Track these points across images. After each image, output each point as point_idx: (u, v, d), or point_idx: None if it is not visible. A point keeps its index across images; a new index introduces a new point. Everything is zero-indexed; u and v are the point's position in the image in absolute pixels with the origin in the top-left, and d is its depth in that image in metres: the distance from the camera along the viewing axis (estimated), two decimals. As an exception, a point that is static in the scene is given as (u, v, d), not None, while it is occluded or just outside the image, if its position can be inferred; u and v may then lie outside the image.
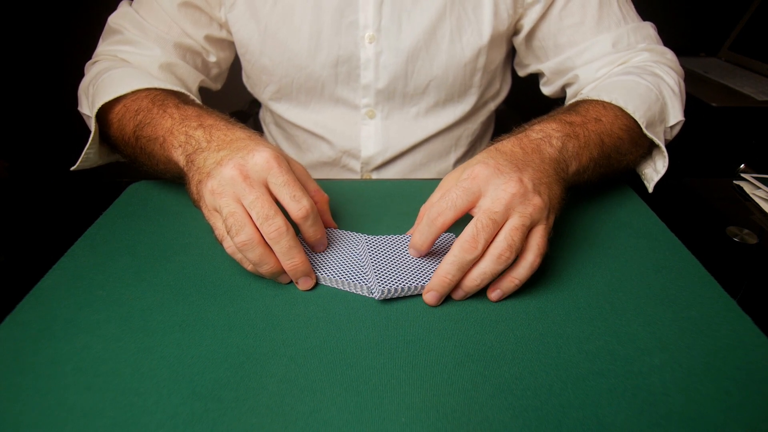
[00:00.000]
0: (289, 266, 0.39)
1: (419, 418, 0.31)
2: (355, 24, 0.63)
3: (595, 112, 0.50)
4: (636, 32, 0.63)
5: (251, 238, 0.37)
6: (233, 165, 0.38)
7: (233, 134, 0.42)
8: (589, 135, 0.48)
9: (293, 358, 0.35)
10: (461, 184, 0.39)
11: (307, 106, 0.71)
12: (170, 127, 0.46)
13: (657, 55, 0.62)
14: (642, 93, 0.54)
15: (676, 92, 0.58)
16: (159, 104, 0.49)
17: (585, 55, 0.64)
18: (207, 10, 0.65)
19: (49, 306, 0.39)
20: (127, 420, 0.30)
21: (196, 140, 0.43)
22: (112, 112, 0.52)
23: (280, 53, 0.65)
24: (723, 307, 0.40)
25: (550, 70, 0.69)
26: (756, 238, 0.50)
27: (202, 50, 0.66)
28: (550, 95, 0.74)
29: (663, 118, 0.56)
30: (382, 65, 0.65)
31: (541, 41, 0.67)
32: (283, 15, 0.63)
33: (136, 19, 0.62)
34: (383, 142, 0.72)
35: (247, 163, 0.39)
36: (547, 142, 0.45)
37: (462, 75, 0.68)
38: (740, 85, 1.21)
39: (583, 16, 0.63)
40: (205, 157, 0.41)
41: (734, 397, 0.32)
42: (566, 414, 0.31)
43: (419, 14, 0.63)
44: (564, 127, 0.47)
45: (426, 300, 0.40)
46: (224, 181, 0.38)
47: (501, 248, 0.37)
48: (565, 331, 0.38)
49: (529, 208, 0.38)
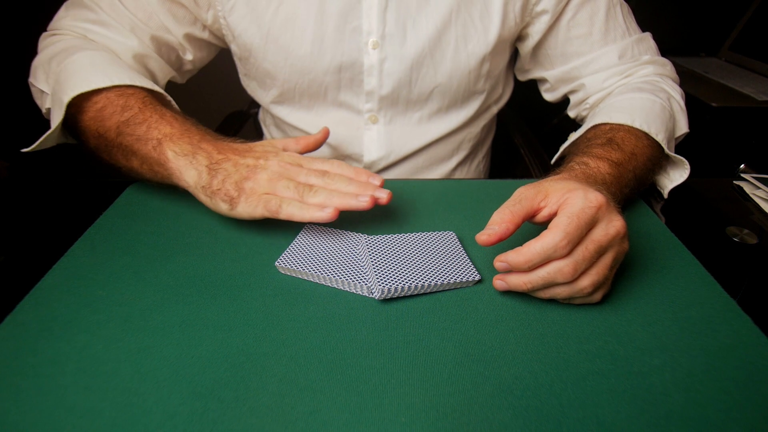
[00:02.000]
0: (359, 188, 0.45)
1: (419, 418, 0.31)
2: (359, 30, 0.62)
3: (631, 146, 0.52)
4: (639, 44, 0.66)
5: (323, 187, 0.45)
6: (277, 161, 0.47)
7: (240, 146, 0.49)
8: (628, 175, 0.50)
9: (293, 358, 0.35)
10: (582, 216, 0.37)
11: (310, 110, 0.71)
12: (169, 134, 0.48)
13: (660, 67, 0.66)
14: (659, 113, 0.57)
15: (682, 107, 0.62)
16: (152, 108, 0.50)
17: (592, 65, 0.66)
18: (193, 9, 0.63)
19: (49, 306, 0.39)
20: (127, 420, 0.30)
21: (206, 151, 0.47)
22: (90, 100, 0.51)
23: (283, 58, 0.64)
24: (723, 307, 0.40)
25: (555, 78, 0.70)
26: (756, 238, 0.50)
27: (179, 47, 0.65)
28: (552, 101, 0.75)
29: (673, 133, 0.59)
30: (386, 72, 0.65)
31: (548, 50, 0.68)
32: (286, 20, 0.62)
33: (113, 0, 0.59)
34: (386, 147, 0.71)
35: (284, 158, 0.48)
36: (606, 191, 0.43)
37: (466, 82, 0.67)
38: (740, 85, 1.21)
39: (591, 27, 0.64)
40: (234, 162, 0.46)
41: (734, 397, 0.32)
42: (566, 414, 0.31)
43: (424, 21, 0.62)
44: (614, 170, 0.48)
45: (495, 284, 0.40)
46: (276, 170, 0.46)
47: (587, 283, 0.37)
48: (565, 331, 0.38)
49: (623, 250, 0.39)
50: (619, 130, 0.54)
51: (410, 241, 0.46)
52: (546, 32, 0.66)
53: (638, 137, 0.53)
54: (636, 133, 0.54)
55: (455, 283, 0.42)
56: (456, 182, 0.60)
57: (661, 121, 0.55)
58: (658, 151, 0.54)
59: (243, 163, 0.46)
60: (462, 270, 0.43)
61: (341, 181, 0.45)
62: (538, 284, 0.38)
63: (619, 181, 0.48)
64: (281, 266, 0.43)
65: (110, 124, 0.49)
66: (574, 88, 0.69)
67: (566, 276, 0.36)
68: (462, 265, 0.43)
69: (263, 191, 0.44)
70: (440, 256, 0.44)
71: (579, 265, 0.36)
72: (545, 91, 0.74)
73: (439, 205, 0.54)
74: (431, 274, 0.42)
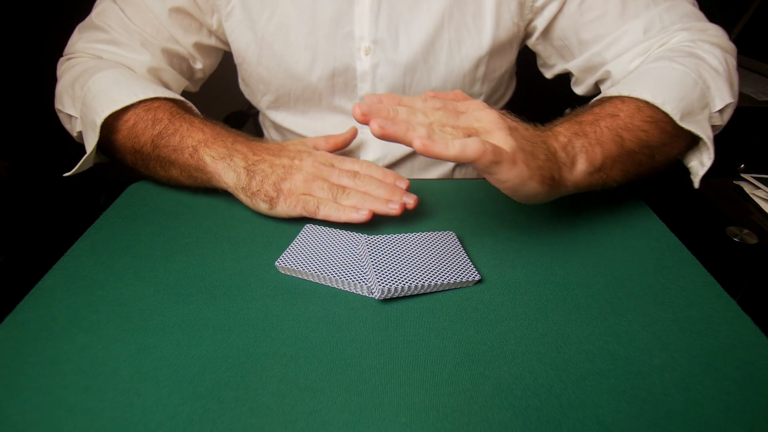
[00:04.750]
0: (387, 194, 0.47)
1: (419, 418, 0.31)
2: (351, 35, 0.62)
3: (610, 108, 0.48)
4: (670, 12, 0.57)
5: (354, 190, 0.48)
6: (311, 161, 0.50)
7: (274, 145, 0.52)
8: (602, 131, 0.46)
9: (293, 358, 0.35)
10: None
11: (305, 115, 0.70)
12: (203, 140, 0.50)
13: (696, 32, 0.56)
14: (674, 80, 0.50)
15: (720, 71, 0.52)
16: (180, 117, 0.52)
17: (614, 48, 0.59)
18: (198, 17, 0.63)
19: (49, 306, 0.39)
20: (127, 420, 0.30)
21: (241, 153, 0.49)
22: (119, 119, 0.52)
23: (277, 64, 0.64)
24: (723, 307, 0.40)
25: (578, 68, 0.65)
26: (756, 238, 0.50)
27: (189, 57, 0.66)
28: (584, 94, 0.69)
29: (706, 103, 0.51)
30: (379, 77, 0.64)
31: (563, 40, 0.64)
32: (280, 26, 0.62)
33: (121, 18, 0.60)
34: (382, 149, 0.71)
35: (316, 158, 0.50)
36: (553, 137, 0.44)
37: (461, 85, 0.66)
38: (740, 85, 1.21)
39: (605, 7, 0.58)
40: (270, 163, 0.49)
41: (734, 397, 0.32)
42: (566, 414, 0.31)
43: (417, 26, 0.61)
44: (573, 125, 0.46)
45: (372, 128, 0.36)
46: (310, 170, 0.49)
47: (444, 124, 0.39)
48: (565, 331, 0.38)
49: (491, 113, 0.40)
50: (605, 100, 0.50)
51: (410, 241, 0.46)
52: (555, 20, 0.62)
53: (626, 102, 0.48)
54: (626, 99, 0.49)
55: (455, 283, 0.42)
56: (456, 182, 0.60)
57: (674, 89, 0.49)
58: (671, 122, 0.48)
59: (279, 163, 0.49)
60: (462, 270, 0.43)
61: (371, 182, 0.48)
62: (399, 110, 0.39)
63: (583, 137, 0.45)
64: (281, 266, 0.43)
65: (145, 139, 0.51)
66: (601, 77, 0.63)
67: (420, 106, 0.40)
68: (462, 265, 0.43)
69: (300, 192, 0.48)
70: (440, 256, 0.44)
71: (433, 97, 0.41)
72: (574, 84, 0.69)
73: (439, 205, 0.54)
74: (431, 274, 0.42)
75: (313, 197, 0.48)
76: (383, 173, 0.50)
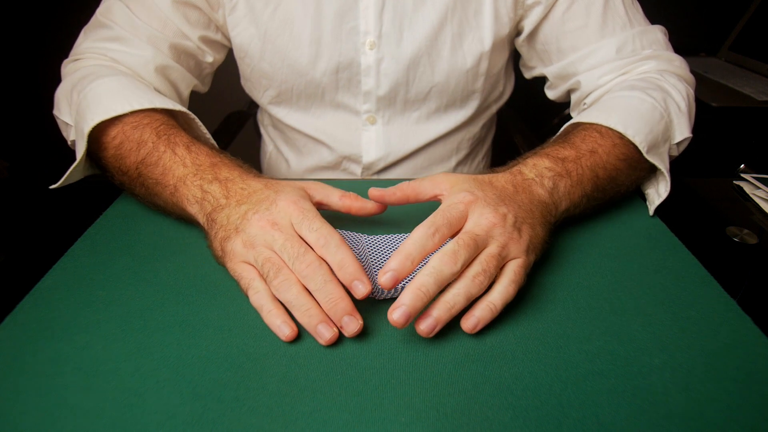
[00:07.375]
0: (327, 303, 0.36)
1: (419, 418, 0.31)
2: (356, 30, 0.62)
3: (591, 143, 0.50)
4: (642, 37, 0.60)
5: (288, 277, 0.37)
6: (259, 217, 0.40)
7: (250, 186, 0.43)
8: (583, 171, 0.47)
9: (293, 358, 0.35)
10: (449, 211, 0.39)
11: (308, 111, 0.71)
12: (182, 177, 0.45)
13: (664, 62, 0.60)
14: (645, 113, 0.52)
15: (682, 109, 0.55)
16: (165, 140, 0.48)
17: (588, 60, 0.62)
18: (206, 10, 0.62)
19: (49, 306, 0.39)
20: (127, 420, 0.30)
21: (213, 196, 0.44)
22: (107, 134, 0.49)
23: (280, 59, 0.64)
24: (723, 307, 0.40)
25: (554, 74, 0.67)
26: (756, 238, 0.50)
27: (197, 51, 0.64)
28: (555, 99, 0.72)
29: (668, 136, 0.54)
30: (383, 72, 0.65)
31: (544, 44, 0.66)
32: (284, 21, 0.62)
33: (127, 14, 0.58)
34: (384, 148, 0.71)
35: (272, 213, 0.40)
36: (538, 182, 0.45)
37: (464, 81, 0.67)
38: (740, 85, 1.21)
39: (587, 19, 0.61)
40: (227, 214, 0.42)
41: (734, 397, 0.32)
42: (566, 414, 0.31)
43: (420, 20, 0.62)
44: (556, 165, 0.47)
45: (393, 318, 0.34)
46: (253, 233, 0.39)
47: (476, 271, 0.37)
48: (565, 331, 0.38)
49: (507, 239, 0.39)
50: (589, 129, 0.51)
51: (410, 241, 0.46)
52: (540, 24, 0.64)
53: (605, 136, 0.50)
54: (604, 133, 0.50)
55: (455, 283, 0.42)
56: (456, 182, 0.60)
57: (645, 122, 0.51)
58: (638, 155, 0.51)
59: (236, 214, 0.41)
60: (462, 270, 0.43)
61: (316, 277, 0.37)
62: (428, 284, 0.35)
63: (567, 179, 0.46)
64: (281, 266, 0.43)
65: (130, 163, 0.48)
66: (572, 86, 0.66)
67: (448, 261, 0.36)
68: (462, 265, 0.43)
69: (239, 259, 0.40)
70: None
71: (457, 253, 0.36)
72: (547, 88, 0.72)
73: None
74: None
75: (245, 278, 0.39)
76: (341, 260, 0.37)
